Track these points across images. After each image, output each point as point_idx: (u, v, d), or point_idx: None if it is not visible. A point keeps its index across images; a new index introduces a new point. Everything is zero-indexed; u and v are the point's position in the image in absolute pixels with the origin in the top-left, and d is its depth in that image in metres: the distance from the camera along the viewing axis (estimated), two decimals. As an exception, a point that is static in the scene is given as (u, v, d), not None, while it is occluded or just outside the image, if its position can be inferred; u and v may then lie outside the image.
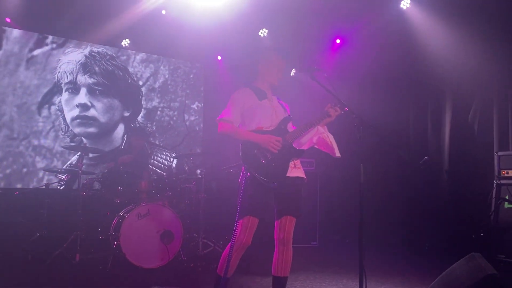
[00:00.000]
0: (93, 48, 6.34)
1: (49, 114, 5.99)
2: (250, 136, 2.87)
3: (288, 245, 2.84)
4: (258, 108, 2.97)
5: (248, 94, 3.02)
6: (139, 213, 4.45)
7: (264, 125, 2.94)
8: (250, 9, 5.61)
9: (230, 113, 2.95)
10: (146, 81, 6.81)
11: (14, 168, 5.72)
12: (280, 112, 3.04)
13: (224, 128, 2.93)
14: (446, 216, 5.88)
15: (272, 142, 2.82)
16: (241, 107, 2.97)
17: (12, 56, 5.79)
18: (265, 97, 3.05)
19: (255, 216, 2.79)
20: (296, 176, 2.92)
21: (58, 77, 6.07)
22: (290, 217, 2.84)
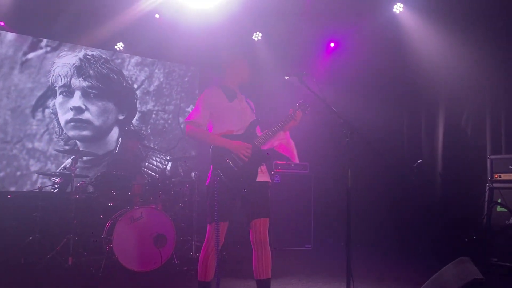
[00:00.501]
0: (88, 51, 6.35)
1: (43, 117, 5.99)
2: (220, 142, 2.87)
3: (265, 246, 2.87)
4: (228, 110, 2.96)
5: (218, 94, 2.99)
6: (132, 217, 4.45)
7: (234, 128, 2.94)
8: (244, 12, 5.65)
9: (199, 115, 2.93)
10: (141, 84, 6.82)
11: (7, 171, 5.71)
12: (248, 114, 3.04)
13: (192, 131, 2.92)
14: (439, 219, 5.89)
15: (243, 149, 2.83)
16: (210, 108, 2.95)
17: (6, 60, 5.80)
18: (235, 97, 3.04)
19: (224, 220, 2.85)
20: (263, 180, 2.95)
21: (52, 80, 6.07)
22: (261, 219, 2.87)
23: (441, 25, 5.58)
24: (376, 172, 6.76)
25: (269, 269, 2.89)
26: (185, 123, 2.99)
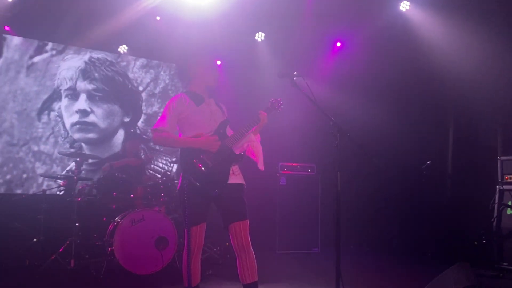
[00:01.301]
0: (93, 54, 6.38)
1: (49, 120, 6.04)
2: (187, 142, 2.83)
3: (248, 249, 2.81)
4: (196, 114, 2.90)
5: (184, 101, 2.93)
6: (133, 219, 4.43)
7: (203, 130, 2.88)
8: (248, 12, 5.61)
9: (166, 122, 2.87)
10: (146, 87, 6.83)
11: (14, 174, 5.77)
12: (218, 116, 2.99)
13: (159, 137, 2.88)
14: (448, 222, 5.76)
15: (211, 142, 2.80)
16: (177, 115, 2.89)
17: (13, 64, 5.86)
18: (203, 101, 2.98)
19: (200, 223, 2.80)
20: (236, 182, 2.89)
21: (58, 83, 6.12)
22: (239, 222, 2.81)
23: (450, 20, 5.39)
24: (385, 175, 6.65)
25: (255, 272, 2.84)
26: (152, 132, 2.94)
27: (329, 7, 5.76)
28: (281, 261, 5.63)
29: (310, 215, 6.31)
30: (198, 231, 2.79)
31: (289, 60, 6.58)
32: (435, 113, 6.11)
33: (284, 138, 7.02)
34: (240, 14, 5.45)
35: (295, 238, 6.23)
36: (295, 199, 6.30)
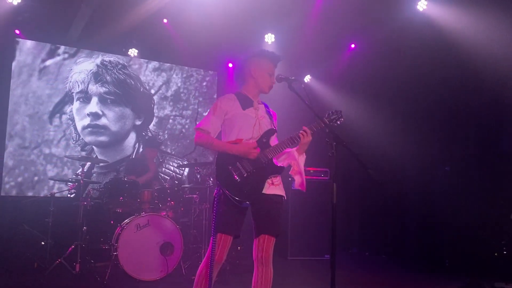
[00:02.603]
0: (105, 57, 6.38)
1: (61, 123, 6.06)
2: (225, 147, 2.68)
3: (267, 264, 2.65)
4: (240, 117, 2.75)
5: (232, 102, 2.78)
6: (138, 224, 4.37)
7: (244, 136, 2.72)
8: (258, 14, 5.51)
9: (209, 122, 2.76)
10: (158, 90, 6.80)
11: (25, 176, 5.81)
12: (264, 124, 2.80)
13: (200, 138, 2.74)
14: (467, 231, 5.51)
15: (250, 149, 2.64)
16: (222, 116, 2.76)
17: (25, 67, 5.91)
18: (251, 105, 2.81)
19: (227, 234, 2.64)
20: (274, 193, 2.71)
21: (70, 86, 6.14)
22: (268, 236, 2.65)
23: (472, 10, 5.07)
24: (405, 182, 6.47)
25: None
26: (195, 130, 2.82)
27: (342, 8, 5.60)
28: (293, 268, 5.52)
29: (323, 221, 6.14)
30: (222, 242, 2.63)
31: (300, 63, 6.45)
32: (457, 118, 5.84)
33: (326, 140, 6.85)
34: (249, 15, 5.34)
35: (307, 244, 6.08)
36: (308, 204, 6.15)
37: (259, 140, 2.74)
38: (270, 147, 2.73)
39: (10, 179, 5.73)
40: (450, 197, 5.77)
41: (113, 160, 6.30)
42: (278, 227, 2.69)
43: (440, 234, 5.90)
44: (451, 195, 5.76)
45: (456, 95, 5.77)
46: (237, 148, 2.66)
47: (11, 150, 5.76)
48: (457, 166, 5.77)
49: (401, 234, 6.64)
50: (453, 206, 5.72)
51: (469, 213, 5.53)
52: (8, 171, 5.72)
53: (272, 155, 2.70)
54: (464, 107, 5.71)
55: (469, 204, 5.56)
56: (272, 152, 2.70)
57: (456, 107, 5.81)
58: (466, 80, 5.59)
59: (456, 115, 5.84)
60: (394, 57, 6.17)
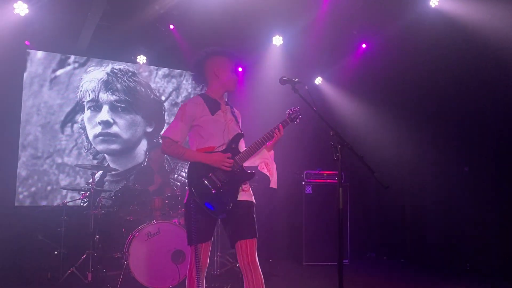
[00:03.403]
0: (115, 65, 6.40)
1: (72, 132, 6.09)
2: (198, 157, 2.63)
3: (255, 268, 2.59)
4: (210, 123, 2.69)
5: (200, 107, 2.71)
6: (149, 232, 4.34)
7: (216, 144, 2.68)
8: (266, 16, 5.45)
9: (178, 130, 2.69)
10: (169, 96, 6.79)
11: (39, 186, 5.84)
12: (232, 127, 2.76)
13: (169, 148, 2.70)
14: (490, 234, 5.32)
15: (225, 161, 2.59)
16: (190, 122, 2.70)
17: (36, 77, 5.95)
18: (218, 108, 2.75)
19: (204, 241, 2.63)
20: (245, 200, 2.67)
21: (81, 95, 6.16)
22: (248, 240, 2.59)
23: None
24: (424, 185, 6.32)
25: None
26: (161, 138, 2.76)
27: (352, 8, 5.51)
28: (308, 274, 5.42)
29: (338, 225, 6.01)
30: (204, 249, 2.63)
31: (310, 64, 6.37)
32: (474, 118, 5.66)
33: (309, 145, 6.79)
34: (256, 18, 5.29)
35: (323, 249, 5.97)
36: (322, 208, 6.05)
37: (228, 146, 2.69)
38: (239, 153, 2.68)
39: (24, 189, 5.76)
40: (470, 198, 5.60)
41: (125, 168, 6.30)
42: (254, 230, 2.64)
43: (460, 237, 5.72)
44: (471, 196, 5.58)
45: (473, 93, 5.60)
46: (211, 158, 2.60)
47: (24, 160, 5.80)
48: (476, 167, 5.59)
49: (420, 238, 6.49)
50: (473, 208, 5.55)
51: (490, 215, 5.35)
52: (22, 181, 5.76)
53: (243, 161, 2.67)
54: (482, 106, 5.53)
55: (490, 205, 5.38)
56: (243, 158, 2.67)
57: (475, 107, 5.64)
58: (484, 77, 5.42)
59: (474, 115, 5.66)
60: (407, 57, 6.04)
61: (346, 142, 2.39)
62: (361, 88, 6.74)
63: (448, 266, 5.75)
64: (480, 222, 5.44)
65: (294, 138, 6.31)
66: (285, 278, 5.19)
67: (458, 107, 5.84)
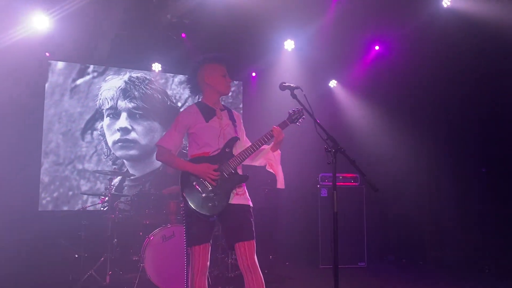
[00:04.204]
0: (132, 73, 6.59)
1: (92, 139, 6.30)
2: (186, 166, 2.70)
3: (254, 270, 2.62)
4: (204, 130, 2.74)
5: (194, 115, 2.79)
6: (164, 235, 4.44)
7: (210, 149, 2.73)
8: (277, 21, 5.51)
9: (171, 139, 2.79)
10: (185, 102, 6.93)
11: (60, 191, 6.06)
12: (228, 132, 2.80)
13: (162, 156, 2.81)
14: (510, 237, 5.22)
15: (209, 173, 2.64)
16: (185, 131, 2.79)
17: (57, 87, 6.20)
18: (214, 115, 2.81)
19: (203, 243, 2.67)
20: (240, 203, 2.71)
21: (100, 103, 6.38)
22: (245, 242, 2.63)
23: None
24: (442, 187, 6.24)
25: None
26: (156, 147, 2.86)
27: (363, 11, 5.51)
28: (325, 276, 5.41)
29: (355, 228, 6.02)
30: (202, 251, 2.67)
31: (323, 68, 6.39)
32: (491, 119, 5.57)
33: (323, 147, 6.79)
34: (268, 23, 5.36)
35: (339, 252, 5.92)
36: (338, 211, 6.01)
37: (222, 150, 2.74)
38: (233, 156, 2.73)
39: (47, 195, 5.99)
40: (488, 200, 5.51)
41: (144, 173, 6.46)
42: (252, 232, 2.68)
43: (480, 240, 5.62)
44: (489, 198, 5.49)
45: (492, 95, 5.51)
46: (197, 169, 2.66)
47: (46, 167, 6.03)
48: (495, 169, 5.50)
49: (439, 240, 6.39)
50: (492, 209, 5.45)
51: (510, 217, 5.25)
52: (45, 187, 5.99)
53: (236, 164, 2.71)
54: (501, 106, 5.44)
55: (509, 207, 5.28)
56: (236, 161, 2.72)
57: (492, 108, 5.55)
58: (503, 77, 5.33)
59: (494, 116, 5.58)
60: (420, 58, 5.98)
61: (339, 146, 2.41)
62: (374, 91, 6.71)
63: (466, 270, 5.65)
64: (499, 223, 5.34)
65: (309, 141, 6.33)
66: (301, 281, 5.21)
67: (478, 108, 5.76)
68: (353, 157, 6.62)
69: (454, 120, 6.12)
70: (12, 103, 5.56)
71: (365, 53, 6.43)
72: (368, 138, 6.74)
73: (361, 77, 6.61)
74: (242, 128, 2.99)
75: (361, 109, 6.81)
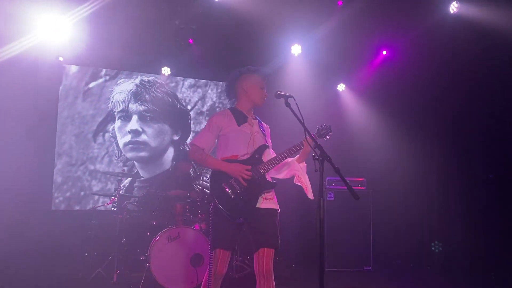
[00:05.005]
0: (143, 77, 6.74)
1: (104, 141, 6.47)
2: (219, 165, 2.79)
3: (269, 277, 2.70)
4: (236, 134, 2.85)
5: (227, 118, 2.90)
6: (170, 236, 4.55)
7: (239, 153, 2.83)
8: (285, 25, 5.58)
9: (204, 138, 2.89)
10: (194, 105, 7.05)
11: (73, 191, 6.24)
12: (258, 139, 2.90)
13: (195, 154, 2.88)
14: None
15: (243, 172, 2.72)
16: (217, 131, 2.89)
17: (71, 90, 6.39)
18: (245, 121, 2.92)
19: (225, 249, 2.74)
20: (267, 207, 2.79)
21: (112, 106, 6.54)
22: (266, 249, 2.71)
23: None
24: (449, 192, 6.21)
25: None
26: (190, 145, 2.96)
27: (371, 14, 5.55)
28: (330, 279, 5.44)
29: (361, 232, 6.05)
30: (221, 256, 2.75)
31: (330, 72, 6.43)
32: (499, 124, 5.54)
33: (330, 151, 6.82)
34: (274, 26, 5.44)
35: (345, 256, 5.98)
36: (344, 215, 6.07)
37: (252, 155, 2.83)
38: (262, 162, 2.82)
39: (59, 194, 6.18)
40: (495, 206, 5.47)
41: (153, 174, 6.61)
42: (276, 239, 2.75)
43: (487, 245, 5.59)
44: (497, 204, 5.46)
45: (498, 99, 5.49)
46: (230, 168, 2.75)
47: (59, 167, 6.22)
48: (502, 174, 5.46)
49: (447, 245, 6.37)
50: (500, 216, 5.42)
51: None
52: (58, 187, 6.18)
53: (265, 171, 2.80)
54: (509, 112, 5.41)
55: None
56: (265, 167, 2.80)
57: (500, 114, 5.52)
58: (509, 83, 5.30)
59: (498, 122, 5.55)
60: (427, 63, 5.99)
61: (326, 154, 2.48)
62: (382, 95, 6.72)
63: (472, 275, 5.62)
64: (507, 230, 5.30)
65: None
66: (307, 284, 5.25)
67: (486, 114, 5.73)
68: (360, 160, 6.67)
69: (461, 125, 6.09)
70: (27, 105, 5.76)
71: (373, 58, 6.46)
72: (376, 142, 6.75)
73: (369, 81, 6.63)
74: (269, 140, 3.09)
75: (369, 112, 6.83)
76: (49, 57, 5.97)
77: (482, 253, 5.65)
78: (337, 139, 6.64)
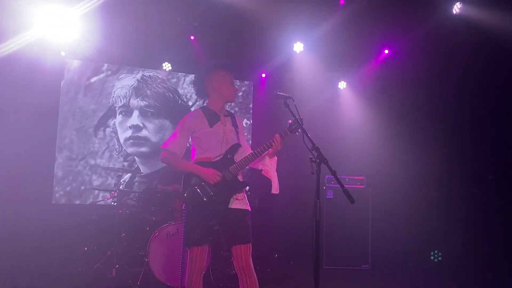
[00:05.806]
0: (145, 72, 6.75)
1: (104, 136, 6.49)
2: (191, 168, 2.82)
3: (249, 272, 2.73)
4: (208, 136, 2.85)
5: (199, 120, 2.89)
6: (169, 232, 4.58)
7: (212, 155, 2.84)
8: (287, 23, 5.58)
9: (176, 142, 2.88)
10: (196, 101, 7.06)
11: (73, 186, 6.27)
12: (231, 138, 2.90)
13: (166, 158, 2.91)
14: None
15: (215, 176, 2.74)
16: (189, 134, 2.89)
17: (72, 85, 6.40)
18: (218, 120, 2.90)
19: (201, 245, 2.78)
20: (240, 208, 2.82)
21: (113, 101, 6.56)
22: (243, 245, 2.74)
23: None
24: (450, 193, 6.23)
25: None
26: (161, 149, 2.95)
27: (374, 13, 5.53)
28: (328, 277, 5.48)
29: (360, 230, 6.09)
30: (200, 252, 2.78)
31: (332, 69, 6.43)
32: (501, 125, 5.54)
33: (331, 149, 6.84)
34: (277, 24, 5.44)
35: (343, 254, 6.02)
36: (343, 213, 6.10)
37: (223, 156, 2.84)
38: (234, 163, 2.83)
39: (60, 189, 6.21)
40: (493, 207, 5.49)
41: (154, 170, 6.64)
42: (249, 235, 2.78)
43: (486, 246, 5.61)
44: (495, 205, 5.47)
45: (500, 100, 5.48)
46: (203, 172, 2.76)
47: (60, 161, 6.25)
48: (501, 175, 5.47)
49: (445, 245, 6.39)
50: (499, 216, 5.43)
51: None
52: (58, 181, 6.21)
53: (237, 171, 2.81)
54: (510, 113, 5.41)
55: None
56: (237, 168, 2.81)
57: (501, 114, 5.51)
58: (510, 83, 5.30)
59: (500, 122, 5.54)
60: (429, 63, 5.98)
61: (323, 157, 2.50)
62: (384, 93, 6.72)
63: (469, 276, 5.64)
64: (506, 230, 5.32)
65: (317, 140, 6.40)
66: (304, 281, 5.28)
67: (487, 115, 5.73)
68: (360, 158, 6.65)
69: (462, 125, 6.10)
70: (29, 100, 5.78)
71: (375, 56, 6.45)
72: (376, 141, 6.76)
73: (371, 79, 6.63)
74: (243, 133, 3.09)
75: (369, 111, 6.83)
76: (51, 52, 5.99)
77: (481, 253, 5.66)
78: (337, 137, 6.73)
